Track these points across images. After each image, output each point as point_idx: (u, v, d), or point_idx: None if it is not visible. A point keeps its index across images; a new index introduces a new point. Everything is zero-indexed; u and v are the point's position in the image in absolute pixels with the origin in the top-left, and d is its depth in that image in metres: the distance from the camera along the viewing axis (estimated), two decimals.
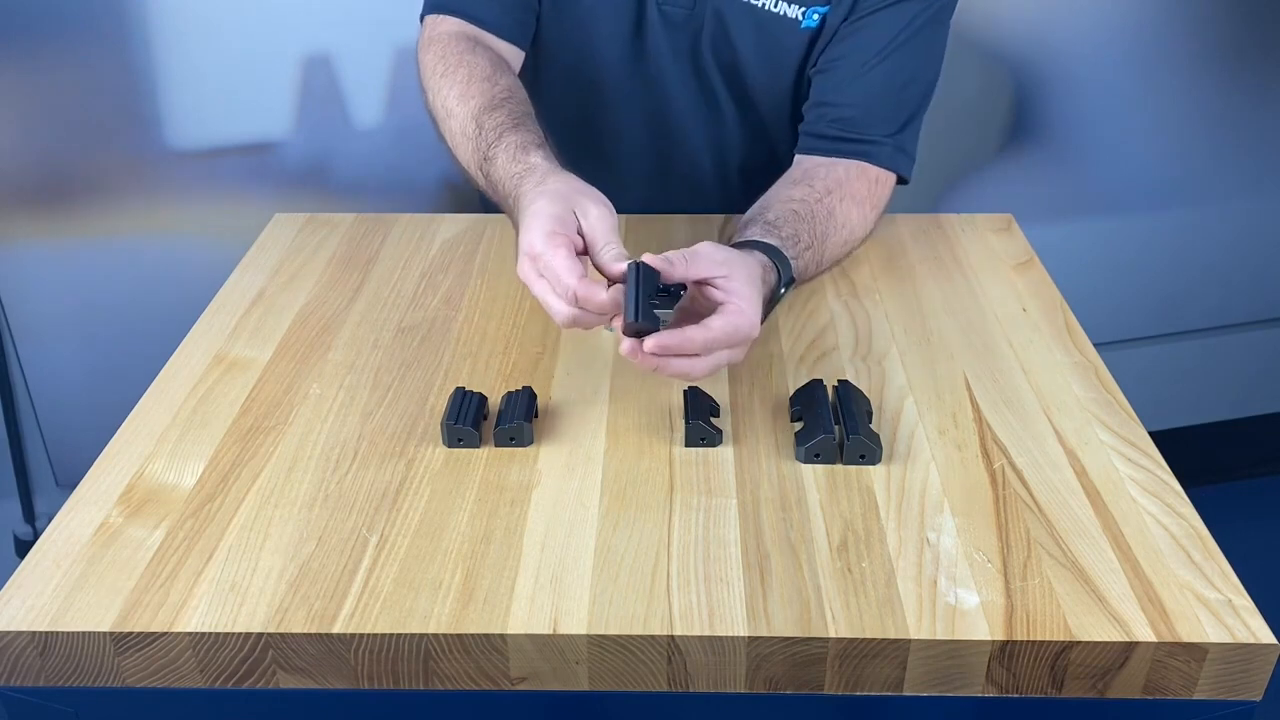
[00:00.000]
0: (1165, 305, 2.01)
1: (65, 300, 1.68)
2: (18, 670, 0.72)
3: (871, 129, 1.08)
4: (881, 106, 1.08)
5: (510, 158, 0.94)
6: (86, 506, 0.80)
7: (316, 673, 0.71)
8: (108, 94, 1.55)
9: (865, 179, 1.07)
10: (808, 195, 1.03)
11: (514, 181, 0.92)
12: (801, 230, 0.99)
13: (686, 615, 0.70)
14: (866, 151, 1.08)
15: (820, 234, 1.01)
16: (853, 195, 1.05)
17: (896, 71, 1.08)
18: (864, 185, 1.07)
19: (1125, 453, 0.85)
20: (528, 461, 0.84)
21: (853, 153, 1.08)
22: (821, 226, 1.01)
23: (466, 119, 1.00)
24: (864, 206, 1.06)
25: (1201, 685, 0.70)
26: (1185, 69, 1.79)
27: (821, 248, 1.01)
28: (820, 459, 0.83)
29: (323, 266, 1.13)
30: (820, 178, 1.05)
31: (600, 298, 0.81)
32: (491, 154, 0.96)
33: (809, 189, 1.04)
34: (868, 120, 1.08)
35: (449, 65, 1.05)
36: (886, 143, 1.08)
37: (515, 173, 0.93)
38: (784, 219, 0.99)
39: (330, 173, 1.65)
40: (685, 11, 1.12)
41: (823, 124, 1.09)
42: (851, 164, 1.07)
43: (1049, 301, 1.06)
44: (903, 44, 1.07)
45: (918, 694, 0.71)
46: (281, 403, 0.91)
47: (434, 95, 1.05)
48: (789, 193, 1.04)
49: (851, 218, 1.05)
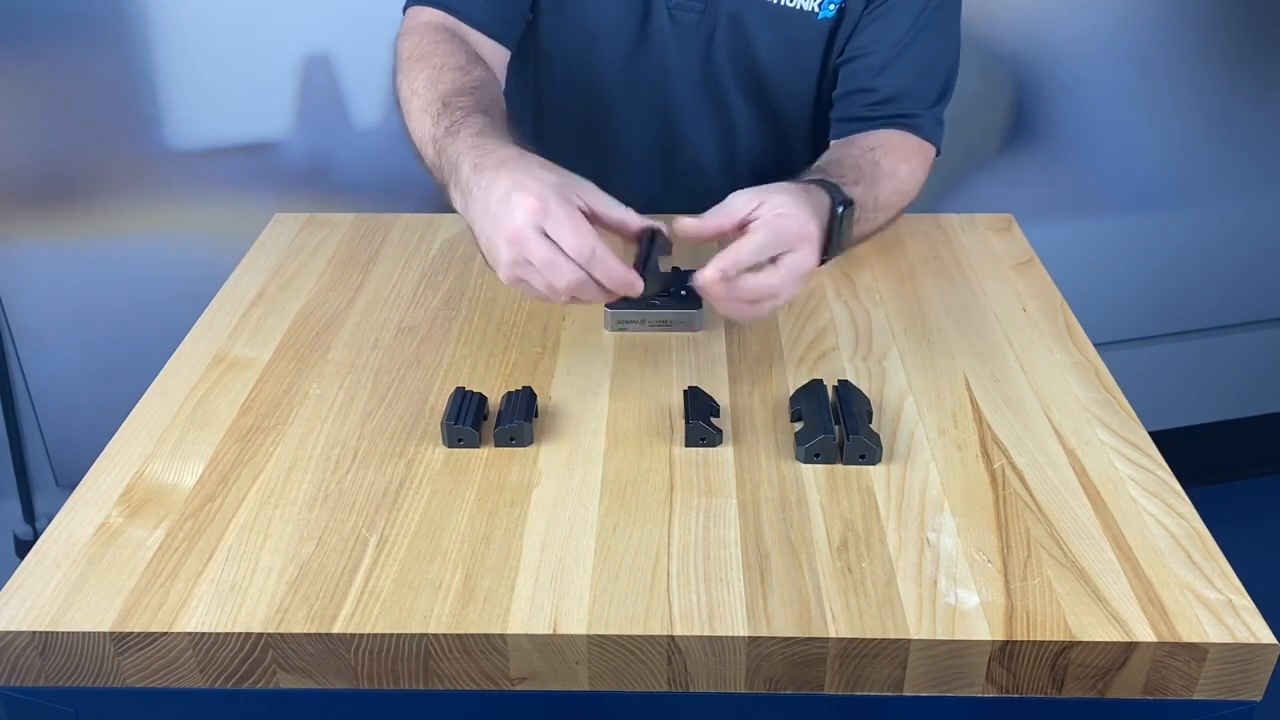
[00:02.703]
0: (1165, 305, 2.01)
1: (65, 300, 1.68)
2: (18, 670, 0.72)
3: (911, 106, 1.10)
4: (916, 85, 1.10)
5: (476, 132, 0.87)
6: (86, 506, 0.80)
7: (316, 673, 0.71)
8: (108, 94, 1.55)
9: (909, 142, 1.08)
10: (853, 151, 1.03)
11: (478, 153, 0.84)
12: (847, 170, 0.97)
13: (686, 615, 0.70)
14: (910, 124, 1.09)
15: (870, 178, 0.99)
16: (898, 152, 1.06)
17: (925, 50, 1.10)
18: (909, 146, 1.08)
19: (1125, 453, 0.85)
20: (528, 461, 0.84)
21: (895, 125, 1.09)
22: (870, 172, 1.00)
23: (432, 99, 0.94)
24: (911, 163, 1.06)
25: (1201, 685, 0.70)
26: (1185, 69, 1.79)
27: (873, 187, 0.98)
28: (820, 459, 0.83)
29: (323, 266, 1.13)
30: (864, 139, 1.06)
31: (615, 261, 0.78)
32: (456, 129, 0.88)
33: (854, 148, 1.04)
34: (906, 100, 1.10)
35: (422, 51, 1.01)
36: (926, 115, 1.10)
37: (479, 146, 0.85)
38: (827, 165, 0.99)
39: (330, 173, 1.65)
40: (696, 15, 1.12)
41: (860, 108, 1.11)
42: (893, 131, 1.09)
43: (1049, 301, 1.06)
44: (926, 24, 1.09)
45: (918, 694, 0.71)
46: (281, 403, 0.91)
47: (403, 79, 1.00)
48: (833, 154, 1.04)
49: (899, 171, 1.04)
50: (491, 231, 0.80)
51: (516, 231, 0.78)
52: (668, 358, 0.97)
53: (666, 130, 1.21)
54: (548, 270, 0.78)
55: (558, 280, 0.78)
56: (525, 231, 0.78)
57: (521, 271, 0.80)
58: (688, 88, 1.18)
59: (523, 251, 0.78)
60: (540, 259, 0.78)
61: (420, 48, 1.02)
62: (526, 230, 0.78)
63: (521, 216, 0.78)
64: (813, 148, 1.24)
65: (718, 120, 1.20)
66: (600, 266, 0.78)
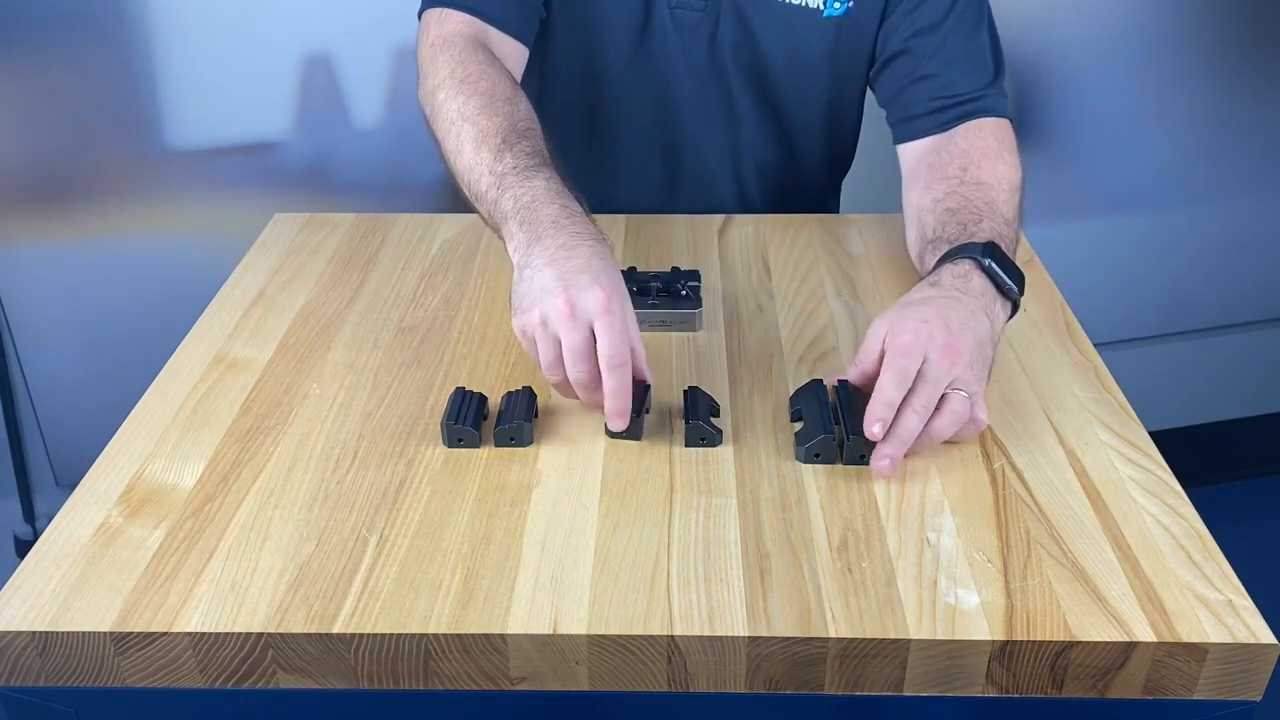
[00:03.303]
0: (1165, 305, 2.01)
1: (65, 300, 1.68)
2: (18, 670, 0.72)
3: (972, 85, 1.08)
4: (970, 63, 1.09)
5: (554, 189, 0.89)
6: (86, 506, 0.80)
7: (316, 673, 0.71)
8: (108, 94, 1.55)
9: (987, 134, 1.06)
10: (949, 188, 1.01)
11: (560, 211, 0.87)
12: (966, 217, 0.96)
13: (686, 615, 0.70)
14: (979, 108, 1.08)
15: (986, 203, 0.97)
16: (985, 154, 1.04)
17: (967, 31, 1.09)
18: (990, 140, 1.06)
19: (1125, 453, 0.85)
20: (528, 461, 0.84)
21: (965, 114, 1.07)
22: (980, 200, 0.98)
23: (490, 132, 0.95)
24: (1003, 157, 1.04)
25: (1201, 685, 0.70)
26: (1185, 69, 1.79)
27: (993, 212, 0.97)
28: (820, 459, 0.83)
29: (323, 266, 1.13)
30: (947, 162, 1.04)
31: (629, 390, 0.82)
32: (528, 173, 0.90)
33: (946, 181, 1.02)
34: (966, 79, 1.08)
35: (469, 73, 1.01)
36: (989, 92, 1.09)
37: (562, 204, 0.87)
38: (941, 223, 0.97)
39: (330, 173, 1.65)
40: (698, 14, 1.12)
41: (924, 100, 1.09)
42: (965, 128, 1.07)
43: (1049, 301, 1.06)
44: (964, 10, 1.09)
45: (918, 694, 0.71)
46: (281, 403, 0.91)
47: (447, 97, 1.00)
48: (930, 197, 1.02)
49: (1000, 173, 1.02)
50: (550, 285, 0.81)
51: (571, 306, 0.80)
52: (668, 358, 0.97)
53: (670, 129, 1.21)
54: (572, 352, 0.81)
55: (575, 367, 0.81)
56: (580, 315, 0.80)
57: (543, 334, 0.82)
58: (691, 86, 1.18)
59: (563, 324, 0.80)
60: (575, 340, 0.81)
61: (465, 68, 1.02)
62: (581, 315, 0.80)
63: (589, 299, 0.80)
64: (818, 146, 1.24)
65: (722, 118, 1.20)
66: (618, 381, 0.81)
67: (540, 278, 0.82)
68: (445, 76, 1.02)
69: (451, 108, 0.99)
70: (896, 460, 0.79)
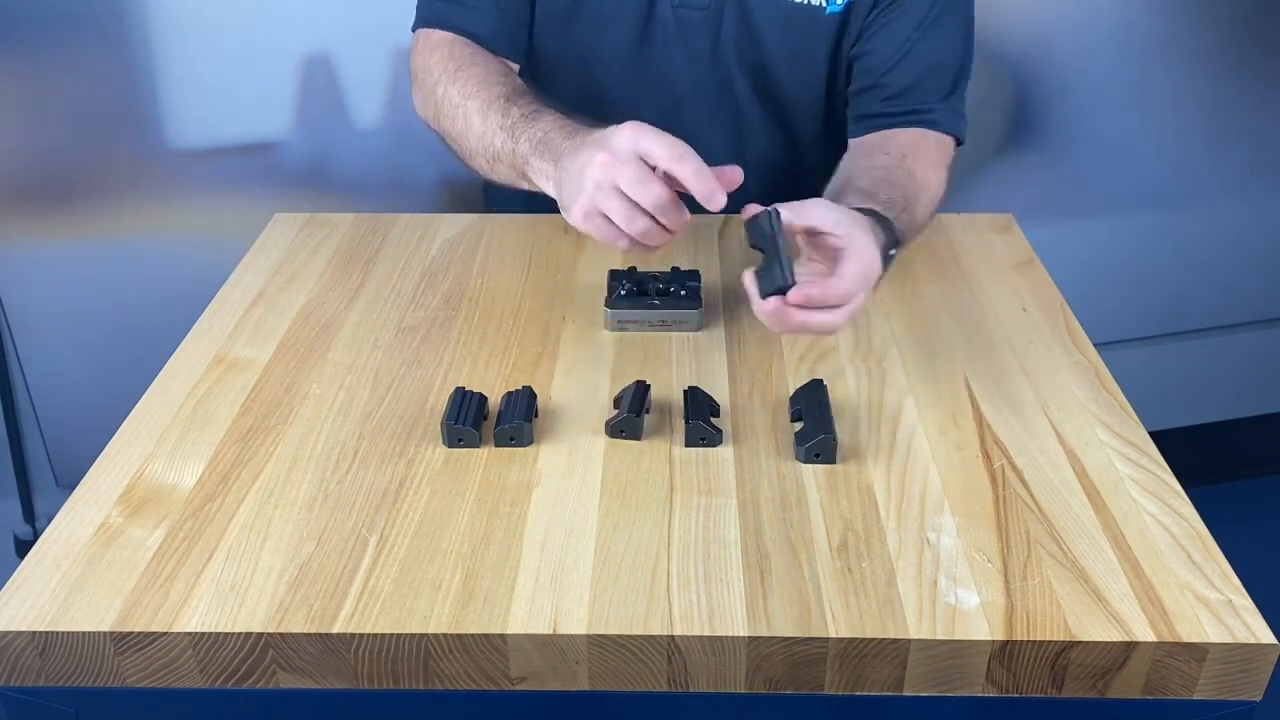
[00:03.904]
0: (1165, 305, 2.01)
1: (65, 300, 1.68)
2: (18, 670, 0.72)
3: (924, 99, 1.10)
4: (928, 79, 1.11)
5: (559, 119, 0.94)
6: (86, 506, 0.80)
7: (316, 673, 0.71)
8: (108, 94, 1.55)
9: (930, 142, 1.09)
10: (887, 162, 1.04)
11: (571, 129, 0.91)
12: (895, 195, 0.99)
13: (686, 615, 0.70)
14: (926, 119, 1.10)
15: (910, 196, 1.01)
16: (925, 157, 1.07)
17: (936, 44, 1.10)
18: (933, 148, 1.09)
19: (1125, 453, 0.85)
20: (528, 461, 0.84)
21: (912, 121, 1.10)
22: (909, 189, 1.01)
23: (493, 98, 1.00)
24: (938, 168, 1.08)
25: (1201, 685, 0.70)
26: (1185, 69, 1.79)
27: (914, 210, 1.00)
28: (820, 459, 0.83)
29: (323, 266, 1.13)
30: (892, 144, 1.07)
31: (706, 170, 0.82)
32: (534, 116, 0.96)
33: (886, 156, 1.05)
34: (918, 93, 1.10)
35: (459, 64, 1.07)
36: (940, 107, 1.10)
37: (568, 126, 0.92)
38: (877, 185, 0.99)
39: (330, 173, 1.65)
40: (702, 13, 1.12)
41: (874, 104, 1.12)
42: (914, 130, 1.09)
43: (1049, 301, 1.06)
44: (934, 21, 1.10)
45: (918, 694, 0.71)
46: (281, 403, 0.91)
47: (446, 88, 1.05)
48: (869, 161, 1.05)
49: (931, 180, 1.06)
50: (585, 160, 0.84)
51: (610, 154, 0.83)
52: (668, 358, 0.97)
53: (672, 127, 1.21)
54: (635, 182, 0.82)
55: (648, 192, 0.82)
56: (621, 152, 0.82)
57: (603, 197, 0.83)
58: (695, 85, 1.17)
59: (612, 172, 0.82)
60: (630, 173, 0.82)
61: (456, 61, 1.08)
62: (623, 151, 0.82)
63: (618, 137, 0.83)
64: (821, 143, 1.24)
65: (726, 117, 1.20)
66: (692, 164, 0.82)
67: (573, 166, 0.86)
68: (440, 73, 1.07)
69: (452, 95, 1.04)
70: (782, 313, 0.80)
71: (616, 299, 1.00)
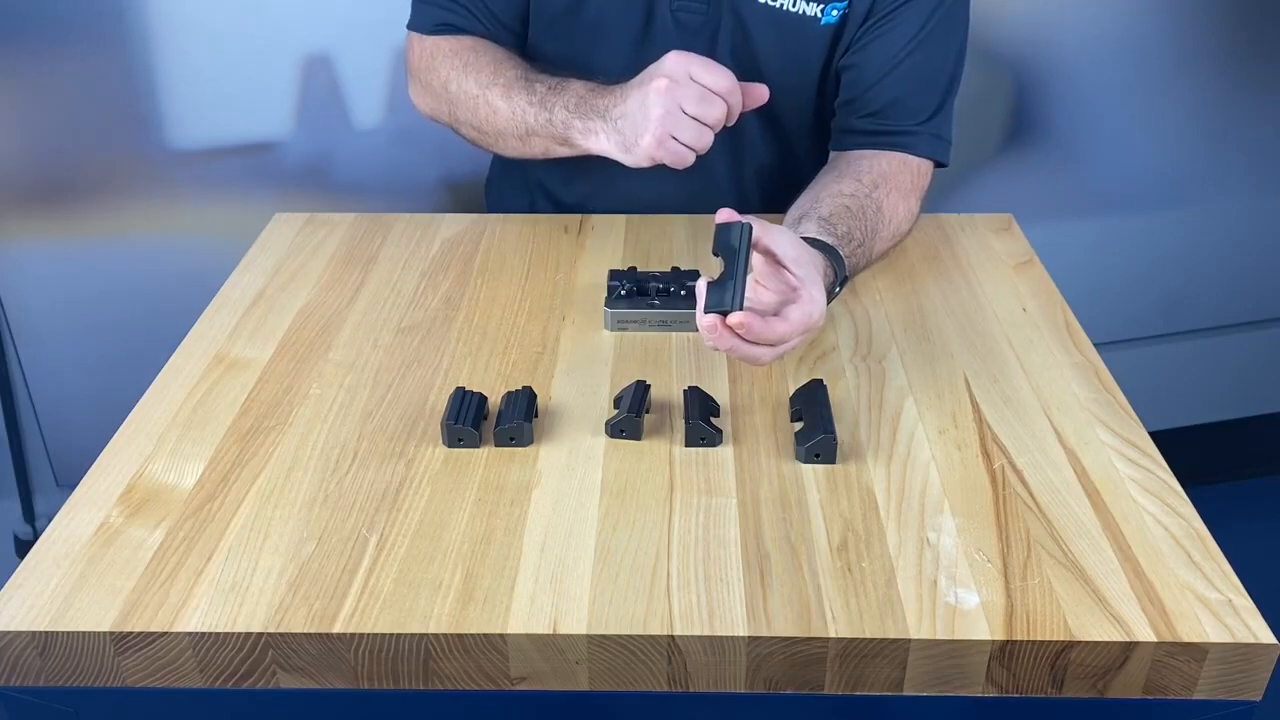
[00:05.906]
0: (1165, 305, 2.01)
1: (65, 300, 1.68)
2: (18, 670, 0.72)
3: (904, 119, 1.10)
4: (911, 98, 1.11)
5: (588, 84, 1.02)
6: (86, 506, 0.80)
7: (316, 673, 0.71)
8: (108, 94, 1.55)
9: (907, 170, 1.10)
10: (857, 190, 1.04)
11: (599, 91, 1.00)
12: (855, 227, 1.00)
13: (686, 615, 0.70)
14: (904, 143, 1.10)
15: (871, 229, 1.02)
16: (898, 187, 1.08)
17: (923, 63, 1.10)
18: (907, 177, 1.09)
19: (1125, 453, 0.85)
20: (528, 461, 0.84)
21: (891, 145, 1.10)
22: (872, 222, 1.02)
23: (514, 80, 1.07)
24: (909, 198, 1.09)
25: (1201, 685, 0.70)
26: (1185, 69, 1.79)
27: (871, 244, 1.02)
28: (820, 459, 0.83)
29: (323, 266, 1.13)
30: (867, 170, 1.07)
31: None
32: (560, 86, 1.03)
33: (857, 183, 1.05)
34: (899, 112, 1.10)
35: (465, 59, 1.10)
36: (921, 131, 1.10)
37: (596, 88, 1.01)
38: (838, 215, 1.00)
39: (330, 173, 1.65)
40: (700, 17, 1.12)
41: (856, 119, 1.12)
42: (893, 155, 1.09)
43: (1049, 301, 1.06)
44: (926, 38, 1.09)
45: (918, 694, 0.71)
46: (281, 403, 0.91)
47: (460, 83, 1.10)
48: (839, 187, 1.05)
49: (899, 211, 1.07)
50: (643, 95, 0.94)
51: (669, 80, 0.92)
52: (668, 358, 0.97)
53: None
54: (701, 103, 0.91)
55: (711, 113, 0.91)
56: (678, 76, 0.91)
57: (672, 122, 0.92)
58: None
59: (676, 96, 0.91)
60: (691, 94, 0.91)
61: (462, 56, 1.11)
62: (679, 74, 0.91)
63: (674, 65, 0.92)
64: (816, 151, 1.24)
65: None
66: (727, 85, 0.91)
67: (630, 106, 0.96)
68: (449, 71, 1.10)
69: (468, 87, 1.08)
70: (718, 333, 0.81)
71: (616, 299, 1.01)
